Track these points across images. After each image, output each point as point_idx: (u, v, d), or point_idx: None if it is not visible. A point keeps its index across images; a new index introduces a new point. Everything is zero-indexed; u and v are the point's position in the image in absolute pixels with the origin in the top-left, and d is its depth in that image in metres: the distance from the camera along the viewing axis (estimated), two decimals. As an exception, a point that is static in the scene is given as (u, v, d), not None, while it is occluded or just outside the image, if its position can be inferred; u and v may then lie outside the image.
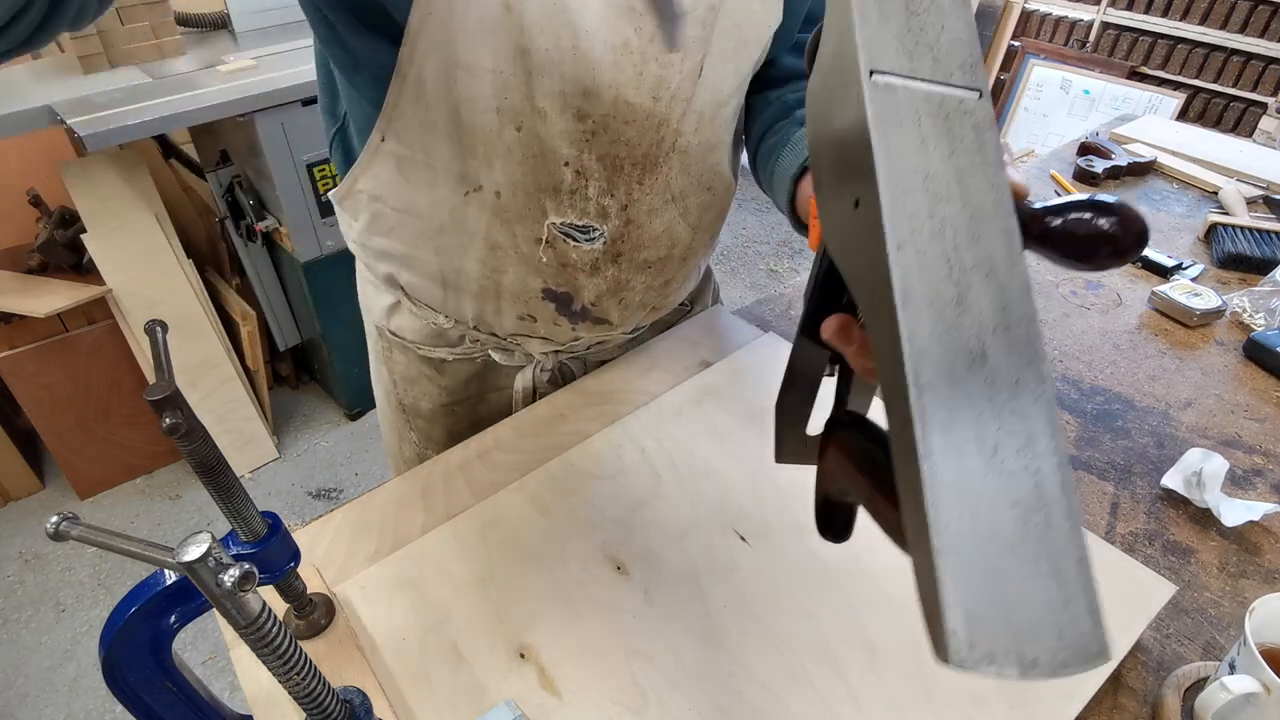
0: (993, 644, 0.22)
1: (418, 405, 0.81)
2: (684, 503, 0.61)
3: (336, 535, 0.59)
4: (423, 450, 0.84)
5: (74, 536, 0.34)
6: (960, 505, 0.23)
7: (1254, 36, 2.86)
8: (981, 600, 0.22)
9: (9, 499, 1.90)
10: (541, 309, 0.68)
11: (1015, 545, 0.23)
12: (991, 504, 0.23)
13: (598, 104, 0.55)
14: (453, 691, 0.49)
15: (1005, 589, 0.23)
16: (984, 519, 0.23)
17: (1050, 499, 0.24)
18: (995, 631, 0.22)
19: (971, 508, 0.23)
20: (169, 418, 0.37)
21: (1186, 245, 1.07)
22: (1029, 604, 0.23)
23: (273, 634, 0.32)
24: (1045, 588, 0.23)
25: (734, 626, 0.52)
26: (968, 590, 0.22)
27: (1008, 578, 0.23)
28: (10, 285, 1.69)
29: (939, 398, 0.24)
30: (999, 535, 0.23)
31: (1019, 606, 0.23)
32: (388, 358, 0.80)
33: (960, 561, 0.22)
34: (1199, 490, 0.66)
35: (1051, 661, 0.22)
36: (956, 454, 0.24)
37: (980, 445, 0.24)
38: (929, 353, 0.25)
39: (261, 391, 2.01)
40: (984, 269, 0.27)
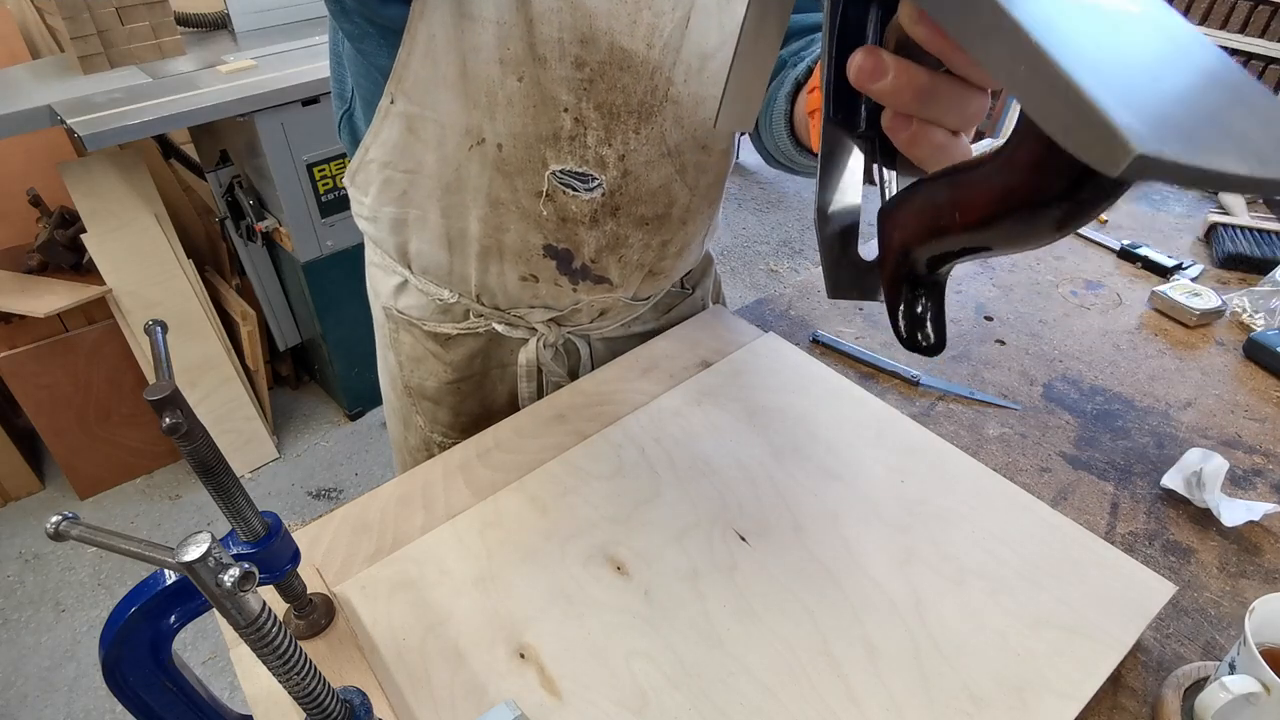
0: (1188, 137, 0.16)
1: (424, 386, 0.82)
2: (684, 503, 0.61)
3: (336, 535, 0.59)
4: (429, 434, 0.86)
5: (74, 536, 0.34)
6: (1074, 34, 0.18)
7: (1254, 36, 2.86)
8: (1146, 101, 0.16)
9: (9, 499, 1.90)
10: (543, 267, 0.70)
11: (1166, 70, 0.18)
12: (1114, 38, 0.18)
13: (594, 50, 0.58)
14: (453, 691, 0.49)
15: (1175, 99, 0.17)
16: (1110, 48, 0.18)
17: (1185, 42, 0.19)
18: (1184, 127, 0.16)
19: (1091, 39, 0.18)
20: (169, 418, 0.37)
21: (1186, 245, 1.07)
22: (1215, 115, 0.17)
23: (273, 634, 0.32)
24: (1229, 104, 0.17)
25: (734, 626, 0.52)
26: (1122, 91, 0.16)
27: (1172, 93, 0.17)
28: (10, 285, 1.69)
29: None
30: (1140, 61, 0.18)
31: (1203, 113, 0.17)
32: (395, 339, 0.82)
33: (1100, 70, 0.17)
34: (1199, 490, 0.66)
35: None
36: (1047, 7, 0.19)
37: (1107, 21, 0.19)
38: None
39: (261, 391, 2.01)
40: None
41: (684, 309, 0.87)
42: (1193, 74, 0.18)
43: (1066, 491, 0.68)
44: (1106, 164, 0.16)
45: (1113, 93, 0.16)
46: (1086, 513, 0.66)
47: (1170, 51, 0.19)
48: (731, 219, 3.20)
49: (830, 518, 0.60)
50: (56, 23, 1.59)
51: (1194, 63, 0.19)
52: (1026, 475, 0.69)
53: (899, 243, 0.31)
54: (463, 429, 0.84)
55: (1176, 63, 0.19)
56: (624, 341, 0.83)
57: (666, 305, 0.85)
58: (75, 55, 1.58)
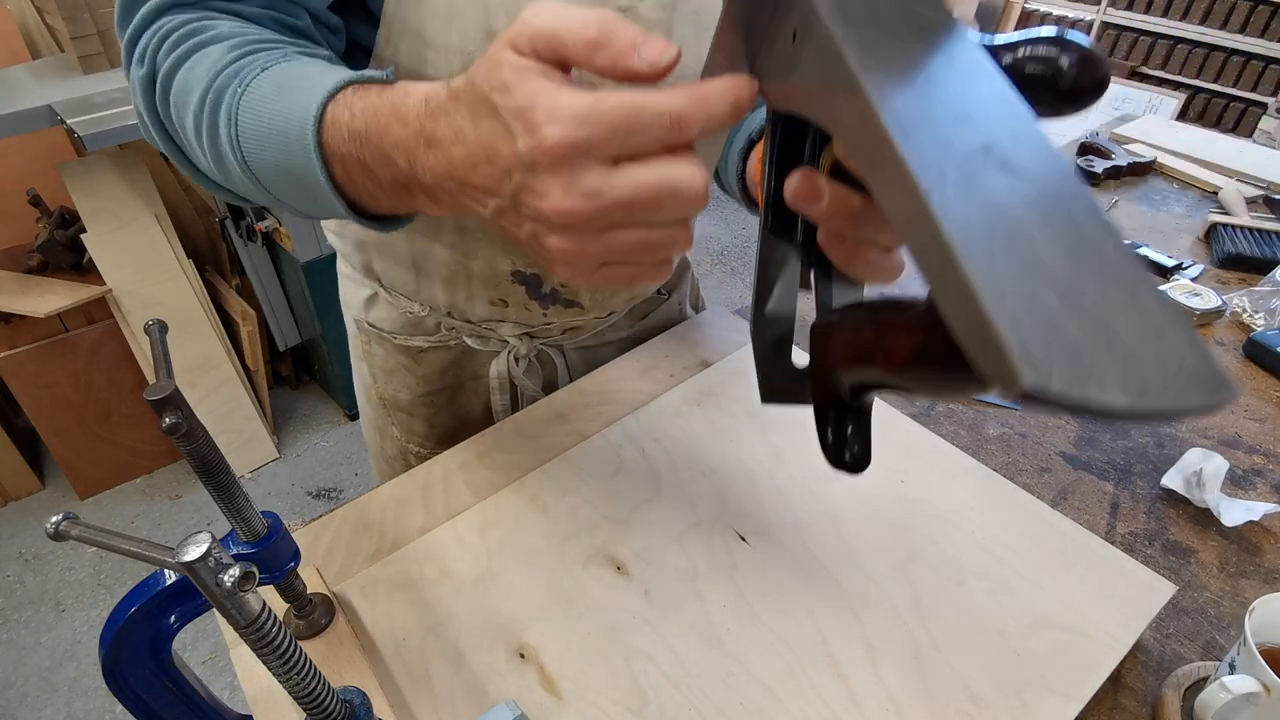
0: (1078, 365, 0.17)
1: (397, 398, 0.82)
2: (684, 503, 0.61)
3: (336, 535, 0.59)
4: (405, 445, 0.85)
5: (74, 536, 0.34)
6: (986, 232, 0.19)
7: (1254, 36, 2.86)
8: (1045, 323, 0.17)
9: (9, 499, 1.90)
10: (512, 292, 0.69)
11: (1069, 274, 0.18)
12: (1026, 235, 0.19)
13: None
14: (453, 691, 0.49)
15: (1073, 314, 0.18)
16: (1021, 249, 0.19)
17: (1094, 237, 0.20)
18: (1076, 351, 0.17)
19: (1003, 237, 0.19)
20: (169, 418, 0.37)
21: (1186, 245, 1.07)
22: (1109, 330, 0.18)
23: (273, 634, 0.32)
24: (1124, 315, 0.18)
25: (734, 626, 0.52)
26: (1023, 311, 0.17)
27: (1072, 303, 0.18)
28: (10, 285, 1.69)
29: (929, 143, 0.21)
30: (1046, 264, 0.19)
31: (1098, 331, 0.17)
32: (367, 351, 0.81)
33: (1004, 283, 0.18)
34: (1199, 490, 0.66)
35: (1165, 390, 0.17)
36: (964, 189, 0.20)
37: (989, 186, 0.20)
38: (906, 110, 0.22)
39: (261, 391, 2.01)
40: (943, 53, 0.25)
41: (660, 315, 0.86)
42: (1094, 276, 0.19)
43: (1066, 491, 0.68)
44: (999, 386, 0.17)
45: (1013, 316, 0.17)
46: (1086, 513, 0.66)
47: (1074, 243, 0.20)
48: (731, 219, 3.20)
49: (830, 518, 0.60)
50: (56, 23, 1.59)
51: (1097, 258, 0.19)
52: (1026, 475, 0.69)
53: (825, 368, 0.31)
54: (438, 440, 0.84)
55: (1079, 261, 0.19)
56: (599, 350, 0.82)
57: (642, 311, 0.84)
58: (75, 55, 1.58)
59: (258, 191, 0.44)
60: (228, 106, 0.41)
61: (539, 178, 0.30)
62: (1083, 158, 1.26)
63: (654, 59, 0.29)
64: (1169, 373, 0.17)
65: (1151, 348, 0.18)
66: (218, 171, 0.45)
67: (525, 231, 0.32)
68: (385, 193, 0.39)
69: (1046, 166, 0.21)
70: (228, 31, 0.45)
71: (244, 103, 0.41)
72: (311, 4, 0.50)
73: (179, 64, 0.44)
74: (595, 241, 0.31)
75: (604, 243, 0.31)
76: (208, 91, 0.42)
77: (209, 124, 0.43)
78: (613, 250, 0.31)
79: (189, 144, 0.46)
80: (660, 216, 0.30)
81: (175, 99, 0.44)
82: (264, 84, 0.41)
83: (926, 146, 0.21)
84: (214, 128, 0.42)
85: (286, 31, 0.49)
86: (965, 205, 0.20)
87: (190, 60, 0.44)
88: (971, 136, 0.22)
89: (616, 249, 0.31)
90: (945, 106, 0.23)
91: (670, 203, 0.30)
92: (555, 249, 0.31)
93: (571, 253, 0.31)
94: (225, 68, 0.42)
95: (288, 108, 0.39)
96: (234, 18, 0.47)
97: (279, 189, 0.43)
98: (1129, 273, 0.19)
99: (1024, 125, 0.23)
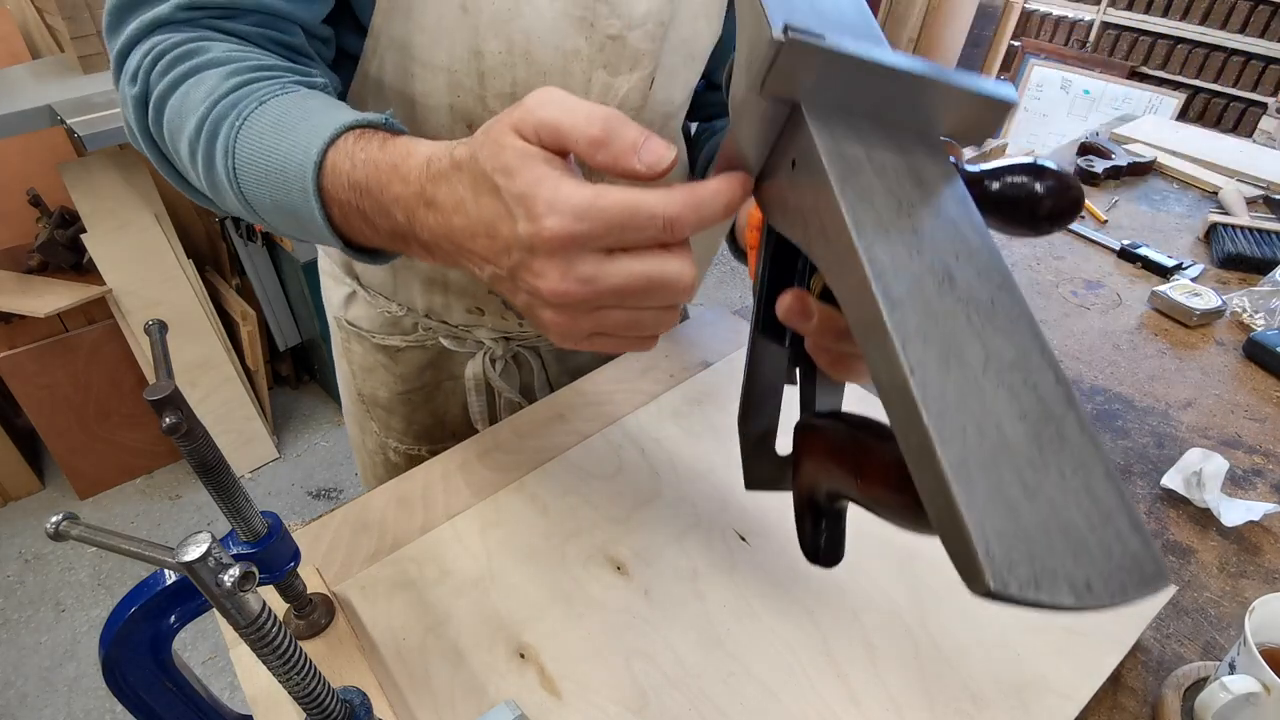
0: (1034, 565, 0.19)
1: (376, 395, 0.82)
2: (684, 503, 0.61)
3: (336, 535, 0.59)
4: (384, 440, 0.85)
5: (74, 536, 0.34)
6: (961, 417, 0.21)
7: (1254, 36, 2.86)
8: (1008, 517, 0.20)
9: (9, 499, 1.90)
10: (489, 302, 0.69)
11: (1032, 459, 0.21)
12: (996, 417, 0.21)
13: None
14: (453, 691, 0.49)
15: (1033, 506, 0.20)
16: (991, 433, 0.21)
17: (1057, 413, 0.22)
18: (1034, 551, 0.19)
19: (975, 420, 0.21)
20: (169, 418, 0.37)
21: (1186, 245, 1.07)
22: (1063, 520, 0.20)
23: (273, 634, 0.32)
24: (1077, 503, 0.20)
25: (734, 626, 0.52)
26: (990, 507, 0.20)
27: (1033, 493, 0.20)
28: (10, 285, 1.69)
29: (914, 313, 0.23)
30: (1011, 449, 0.21)
31: (1053, 523, 0.20)
32: (346, 349, 0.81)
33: (974, 476, 0.20)
34: (1199, 490, 0.66)
35: (1107, 585, 0.19)
36: (944, 366, 0.22)
37: (967, 359, 0.22)
38: (893, 272, 0.23)
39: (261, 391, 2.01)
40: (933, 208, 0.26)
41: None
42: (1054, 459, 0.21)
43: (1066, 491, 0.68)
44: (965, 578, 0.20)
45: (980, 514, 0.19)
46: (1086, 513, 0.66)
47: (1038, 420, 0.22)
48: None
49: (830, 518, 0.60)
50: (56, 23, 1.59)
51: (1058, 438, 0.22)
52: (1026, 475, 0.69)
53: (805, 473, 0.34)
54: (416, 437, 0.84)
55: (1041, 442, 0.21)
56: (577, 354, 0.82)
57: None
58: (75, 55, 1.58)
59: (251, 216, 0.44)
60: (225, 139, 0.41)
61: (537, 259, 0.31)
62: (1083, 158, 1.26)
63: (652, 161, 0.31)
64: (1112, 564, 0.20)
65: (1098, 536, 0.20)
66: (211, 193, 0.45)
67: (520, 301, 0.34)
68: (382, 239, 0.39)
69: (1022, 332, 0.24)
70: (223, 56, 0.44)
71: (242, 137, 0.41)
72: (305, 20, 0.50)
73: (173, 87, 0.43)
74: (587, 319, 0.33)
75: (595, 320, 0.33)
76: (204, 121, 0.42)
77: (205, 153, 0.42)
78: (603, 326, 0.33)
79: (183, 164, 0.46)
80: (649, 303, 0.33)
81: (169, 122, 0.44)
82: (262, 119, 0.41)
83: (910, 318, 0.23)
84: (210, 157, 0.42)
85: (282, 49, 0.49)
86: (945, 383, 0.21)
87: (185, 85, 0.43)
88: (953, 302, 0.24)
89: (606, 325, 0.33)
90: (931, 269, 0.24)
91: (660, 292, 0.32)
92: (549, 320, 0.34)
93: (564, 325, 0.33)
94: (222, 97, 0.41)
95: (288, 148, 0.39)
96: (230, 37, 0.46)
97: (274, 219, 0.43)
98: (1086, 452, 0.22)
99: (1004, 288, 0.25)
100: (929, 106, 0.28)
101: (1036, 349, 0.23)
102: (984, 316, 0.24)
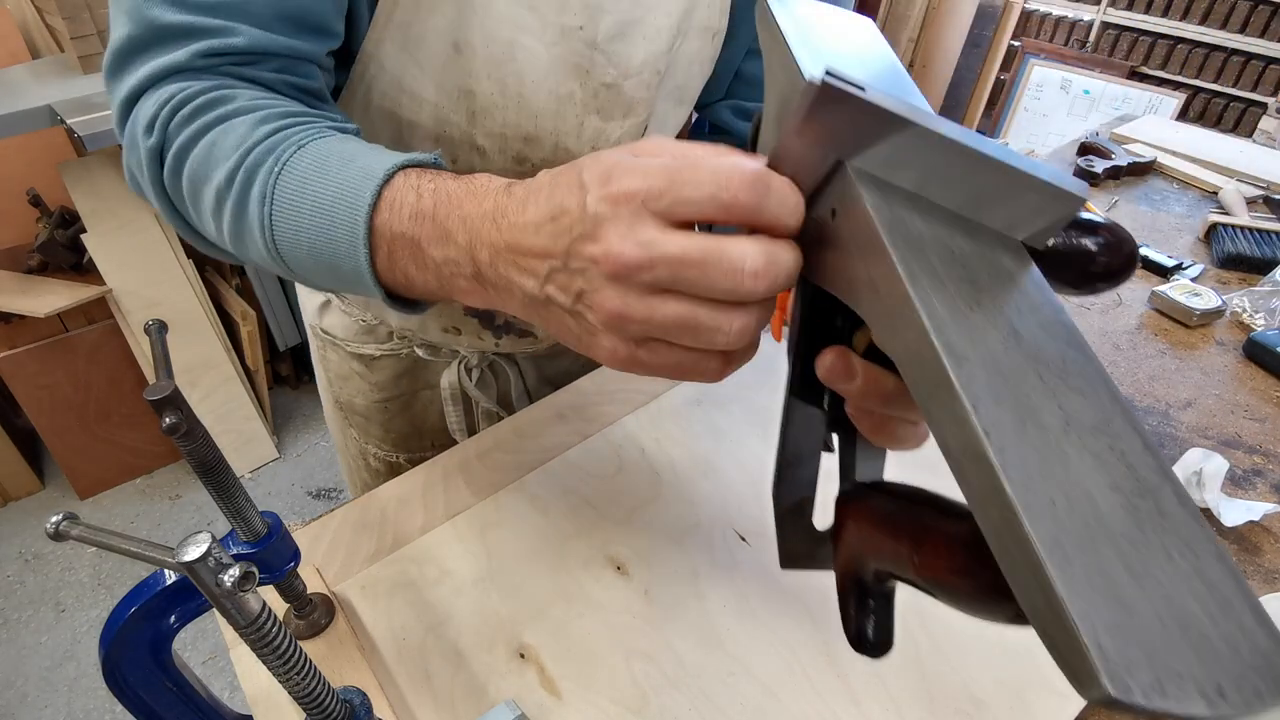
0: (1156, 666, 0.16)
1: (353, 403, 0.82)
2: (684, 503, 0.61)
3: (336, 535, 0.59)
4: (363, 446, 0.85)
5: (74, 536, 0.34)
6: (1048, 488, 0.18)
7: (1254, 36, 2.86)
8: (1117, 608, 0.17)
9: (9, 499, 1.90)
10: (465, 323, 0.70)
11: (1132, 537, 0.18)
12: (1085, 488, 0.19)
13: (538, 149, 0.57)
14: (453, 691, 0.49)
15: (1143, 593, 0.17)
16: (1083, 506, 0.18)
17: (1153, 483, 0.20)
18: (1152, 648, 0.17)
19: (1063, 491, 0.19)
20: (169, 418, 0.37)
21: (1186, 245, 1.07)
22: (1179, 611, 0.17)
23: (273, 634, 0.32)
24: (1191, 589, 0.18)
25: (734, 626, 0.52)
26: (1095, 595, 0.17)
27: (1140, 578, 0.17)
28: (10, 285, 1.69)
29: (982, 369, 0.21)
30: (1108, 525, 0.18)
31: (1168, 615, 0.17)
32: (322, 356, 0.81)
33: (1072, 557, 0.17)
34: (1199, 490, 0.66)
35: (1240, 690, 0.16)
36: (1020, 430, 0.19)
37: (1045, 421, 0.20)
38: (954, 326, 0.21)
39: (261, 391, 2.01)
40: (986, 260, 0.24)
41: None
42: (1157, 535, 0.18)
43: (1066, 491, 0.68)
44: (1074, 681, 0.17)
45: (1085, 601, 0.17)
46: (1086, 513, 0.66)
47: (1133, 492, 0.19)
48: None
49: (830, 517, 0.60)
50: (56, 23, 1.59)
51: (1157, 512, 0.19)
52: (1026, 475, 0.69)
53: (849, 549, 0.30)
54: (394, 444, 0.84)
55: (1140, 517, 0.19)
56: (554, 361, 0.82)
57: None
58: (75, 55, 1.58)
59: (274, 265, 0.42)
60: (262, 185, 0.40)
61: (600, 225, 0.30)
62: (1083, 157, 1.26)
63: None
64: (1242, 664, 0.17)
65: (1221, 629, 0.17)
66: (233, 243, 0.43)
67: (572, 293, 0.32)
68: (427, 276, 0.37)
69: (1099, 392, 0.21)
70: (250, 104, 0.42)
71: (282, 181, 0.39)
72: (320, 57, 0.48)
73: (196, 137, 0.41)
74: (641, 304, 0.30)
75: (649, 307, 0.30)
76: (238, 168, 0.40)
77: (236, 201, 0.41)
78: (654, 320, 0.30)
79: (200, 214, 0.44)
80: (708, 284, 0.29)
81: (192, 173, 0.42)
82: (302, 163, 0.39)
83: (978, 374, 0.20)
84: (242, 204, 0.41)
85: (302, 95, 0.47)
86: (1024, 449, 0.19)
87: (211, 134, 0.41)
88: (1022, 358, 0.21)
89: (658, 320, 0.30)
90: (994, 323, 0.22)
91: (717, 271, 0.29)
92: (602, 307, 0.30)
93: (617, 313, 0.30)
94: (258, 144, 0.40)
95: (336, 189, 0.38)
96: (252, 84, 0.44)
97: (304, 265, 0.41)
98: (1191, 530, 0.19)
99: (1073, 345, 0.22)
100: (980, 186, 0.26)
101: (1119, 412, 0.21)
102: (1056, 375, 0.22)
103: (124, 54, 0.44)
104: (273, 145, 0.40)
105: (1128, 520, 0.19)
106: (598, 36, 0.53)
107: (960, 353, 0.21)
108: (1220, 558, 0.18)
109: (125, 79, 0.44)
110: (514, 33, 0.51)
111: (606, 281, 0.30)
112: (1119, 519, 0.19)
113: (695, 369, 0.32)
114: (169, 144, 0.42)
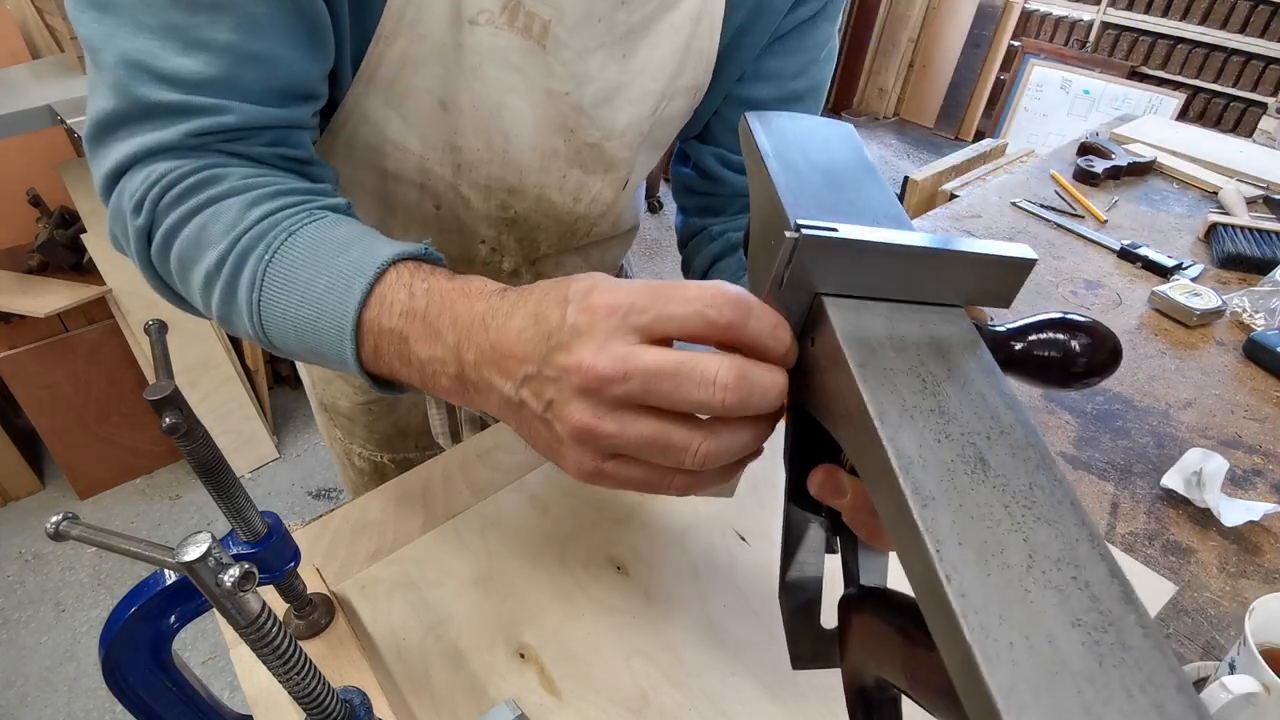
0: None
1: (337, 404, 0.82)
2: (684, 503, 0.61)
3: (336, 535, 0.59)
4: (348, 446, 0.86)
5: (74, 536, 0.34)
6: (1008, 631, 0.19)
7: (1254, 36, 2.86)
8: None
9: (9, 499, 1.90)
10: None
11: (1092, 675, 0.18)
12: (1046, 627, 0.19)
13: (521, 199, 0.59)
14: (453, 691, 0.49)
15: None
16: (1042, 648, 0.19)
17: (1115, 613, 0.20)
18: None
19: (1023, 632, 0.19)
20: (169, 418, 0.37)
21: (1186, 245, 1.07)
22: None
23: (273, 634, 0.32)
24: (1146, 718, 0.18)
25: (734, 626, 0.52)
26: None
27: (1098, 719, 0.18)
28: (10, 285, 1.69)
29: (947, 509, 0.21)
30: (1067, 665, 0.19)
31: None
32: None
33: (1027, 704, 0.18)
34: (1199, 490, 0.66)
35: None
36: (982, 570, 0.20)
37: (1009, 558, 0.20)
38: (921, 463, 0.22)
39: (261, 391, 2.01)
40: (958, 383, 0.25)
41: None
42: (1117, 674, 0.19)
43: (1066, 491, 0.68)
44: None
45: None
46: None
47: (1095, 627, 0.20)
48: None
49: (830, 518, 0.60)
50: (56, 23, 1.59)
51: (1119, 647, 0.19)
52: (1026, 475, 0.69)
53: (852, 657, 0.31)
54: (378, 444, 0.84)
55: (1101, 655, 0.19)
56: None
57: None
58: (75, 55, 1.58)
59: (260, 344, 0.43)
60: (252, 272, 0.39)
61: (577, 337, 0.30)
62: (1083, 157, 1.26)
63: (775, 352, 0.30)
64: None
65: None
66: (219, 321, 0.43)
67: (543, 401, 0.32)
68: (410, 371, 0.38)
69: (1065, 518, 0.22)
70: (241, 185, 0.42)
71: (271, 270, 0.39)
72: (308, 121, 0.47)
73: (185, 219, 0.41)
74: (611, 419, 0.30)
75: (620, 423, 0.30)
76: (228, 255, 0.40)
77: (225, 286, 0.40)
78: (625, 437, 0.30)
79: (185, 292, 0.44)
80: (681, 396, 0.29)
81: (181, 254, 0.42)
82: (292, 252, 0.39)
83: (944, 515, 0.21)
84: (231, 290, 0.40)
85: (293, 164, 0.47)
86: (986, 590, 0.20)
87: (200, 217, 0.41)
88: (989, 491, 0.22)
89: (629, 436, 0.30)
90: (962, 454, 0.23)
91: (689, 382, 0.29)
92: (569, 419, 0.30)
93: (585, 427, 0.30)
94: (247, 230, 0.40)
95: (325, 284, 0.38)
96: (242, 160, 0.44)
97: (287, 348, 0.42)
98: (1153, 662, 0.19)
99: (1041, 468, 0.23)
100: (946, 278, 0.27)
101: (1085, 537, 0.21)
102: (1023, 505, 0.22)
103: (108, 126, 0.42)
104: (263, 231, 0.40)
105: (1089, 658, 0.19)
106: (584, 102, 0.54)
107: (926, 493, 0.22)
108: (1181, 689, 0.19)
109: (109, 151, 0.43)
110: (501, 94, 0.51)
111: (576, 394, 0.30)
112: (1079, 657, 0.19)
113: (662, 485, 0.32)
114: (157, 224, 0.42)
